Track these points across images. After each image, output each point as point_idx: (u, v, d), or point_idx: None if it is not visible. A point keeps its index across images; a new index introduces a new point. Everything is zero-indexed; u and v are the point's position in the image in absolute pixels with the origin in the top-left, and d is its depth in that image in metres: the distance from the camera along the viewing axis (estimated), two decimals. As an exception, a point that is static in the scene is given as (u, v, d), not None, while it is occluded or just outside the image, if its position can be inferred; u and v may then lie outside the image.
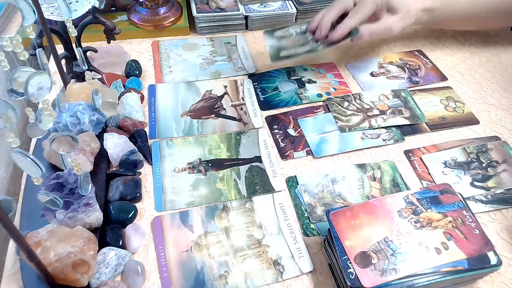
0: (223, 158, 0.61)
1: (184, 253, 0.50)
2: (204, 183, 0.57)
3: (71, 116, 0.55)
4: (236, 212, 0.54)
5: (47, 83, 0.37)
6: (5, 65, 0.36)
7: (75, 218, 0.46)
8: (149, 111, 0.67)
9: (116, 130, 0.60)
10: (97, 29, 0.66)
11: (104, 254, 0.46)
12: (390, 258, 0.42)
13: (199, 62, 0.78)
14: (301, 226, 0.53)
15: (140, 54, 0.79)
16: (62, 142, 0.43)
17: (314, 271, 0.49)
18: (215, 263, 0.49)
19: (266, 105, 0.70)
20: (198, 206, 0.55)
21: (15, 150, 0.35)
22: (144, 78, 0.73)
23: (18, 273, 0.46)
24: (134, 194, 0.54)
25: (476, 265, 0.43)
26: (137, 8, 0.82)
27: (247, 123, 0.67)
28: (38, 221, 0.46)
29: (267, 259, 0.50)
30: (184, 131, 0.64)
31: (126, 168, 0.57)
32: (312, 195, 0.57)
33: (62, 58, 0.62)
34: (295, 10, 0.86)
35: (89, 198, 0.47)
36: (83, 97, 0.58)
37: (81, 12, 0.56)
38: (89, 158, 0.53)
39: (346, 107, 0.70)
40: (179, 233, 0.52)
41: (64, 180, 0.47)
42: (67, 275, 0.41)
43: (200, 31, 0.84)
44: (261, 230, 0.53)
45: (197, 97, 0.70)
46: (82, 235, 0.44)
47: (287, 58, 0.69)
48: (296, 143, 0.64)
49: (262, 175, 0.59)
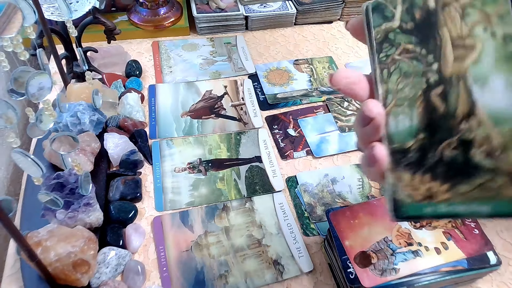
0: (223, 158, 0.61)
1: (184, 253, 0.50)
2: (204, 183, 0.58)
3: (71, 116, 0.55)
4: (236, 212, 0.54)
5: (48, 83, 0.37)
6: (6, 65, 0.36)
7: (75, 218, 0.46)
8: (149, 111, 0.67)
9: (116, 130, 0.60)
10: (98, 29, 0.67)
11: (104, 254, 0.46)
12: (390, 258, 0.42)
13: (199, 62, 0.78)
14: (301, 226, 0.53)
15: (141, 54, 0.79)
16: (62, 142, 0.43)
17: (314, 271, 0.49)
18: (215, 263, 0.49)
19: (266, 105, 0.70)
20: (198, 206, 0.55)
21: (16, 150, 0.35)
22: (144, 78, 0.73)
23: (19, 273, 0.46)
24: (134, 194, 0.54)
25: (475, 265, 0.43)
26: (137, 9, 0.82)
27: (247, 123, 0.67)
28: (38, 221, 0.46)
29: (267, 259, 0.50)
30: (184, 131, 0.65)
31: (127, 168, 0.57)
32: (312, 195, 0.57)
33: (62, 58, 0.62)
34: (295, 10, 0.86)
35: (90, 198, 0.47)
36: (84, 97, 0.58)
37: (82, 13, 0.56)
38: (89, 158, 0.53)
39: (346, 107, 0.70)
40: (179, 233, 0.52)
41: (64, 180, 0.47)
42: (67, 275, 0.41)
43: (200, 31, 0.84)
44: (261, 230, 0.53)
45: (197, 97, 0.70)
46: (83, 235, 0.44)
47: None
48: (296, 143, 0.64)
49: (262, 175, 0.59)
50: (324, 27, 0.89)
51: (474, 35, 0.25)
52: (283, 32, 0.87)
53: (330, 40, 0.85)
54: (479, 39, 0.25)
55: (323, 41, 0.85)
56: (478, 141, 0.25)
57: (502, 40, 0.25)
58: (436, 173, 0.27)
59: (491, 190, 0.26)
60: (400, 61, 0.27)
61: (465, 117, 0.26)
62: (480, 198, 0.26)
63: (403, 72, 0.27)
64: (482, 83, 0.25)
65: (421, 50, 0.27)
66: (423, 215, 0.27)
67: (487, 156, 0.25)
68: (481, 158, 0.25)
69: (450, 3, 0.26)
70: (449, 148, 0.26)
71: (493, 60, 0.25)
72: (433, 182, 0.27)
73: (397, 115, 0.27)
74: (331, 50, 0.83)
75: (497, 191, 0.25)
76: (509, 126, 0.25)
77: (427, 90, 0.27)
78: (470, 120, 0.25)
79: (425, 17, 0.27)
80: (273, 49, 0.82)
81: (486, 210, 0.26)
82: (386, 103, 0.28)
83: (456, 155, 0.26)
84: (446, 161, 0.26)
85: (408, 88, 0.27)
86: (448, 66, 0.26)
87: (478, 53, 0.25)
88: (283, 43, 0.84)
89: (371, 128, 0.27)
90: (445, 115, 0.26)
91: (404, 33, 0.27)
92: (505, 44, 0.25)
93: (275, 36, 0.86)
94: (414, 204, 0.27)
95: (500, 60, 0.25)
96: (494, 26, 0.25)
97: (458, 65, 0.26)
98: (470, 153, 0.26)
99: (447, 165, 0.26)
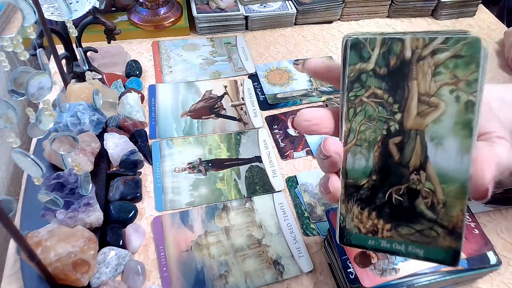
0: (223, 158, 0.61)
1: (184, 253, 0.50)
2: (204, 183, 0.58)
3: (71, 116, 0.55)
4: (236, 212, 0.54)
5: (48, 83, 0.37)
6: (6, 65, 0.36)
7: (75, 218, 0.46)
8: (149, 111, 0.67)
9: (116, 130, 0.60)
10: (98, 29, 0.67)
11: (104, 254, 0.46)
12: (390, 258, 0.42)
13: (199, 62, 0.78)
14: (301, 226, 0.53)
15: (141, 54, 0.79)
16: (62, 142, 0.43)
17: (314, 271, 0.49)
18: (215, 263, 0.49)
19: (266, 105, 0.70)
20: (198, 206, 0.55)
21: (16, 150, 0.35)
22: (144, 78, 0.73)
23: (19, 273, 0.46)
24: (134, 194, 0.54)
25: (475, 265, 0.43)
26: (137, 9, 0.82)
27: (247, 123, 0.67)
28: (38, 221, 0.46)
29: (267, 259, 0.50)
30: (184, 131, 0.65)
31: (126, 168, 0.57)
32: (312, 195, 0.57)
33: (62, 58, 0.62)
34: (295, 10, 0.86)
35: (90, 198, 0.47)
36: (84, 97, 0.58)
37: (82, 12, 0.56)
38: (89, 158, 0.53)
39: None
40: (179, 233, 0.52)
41: (64, 180, 0.47)
42: (67, 275, 0.41)
43: (200, 31, 0.84)
44: (261, 230, 0.53)
45: (197, 97, 0.70)
46: (83, 235, 0.44)
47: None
48: (296, 143, 0.64)
49: (262, 175, 0.59)
50: (324, 27, 0.89)
51: (440, 95, 0.26)
52: (283, 32, 0.87)
53: (330, 40, 0.85)
54: (444, 100, 0.26)
55: (323, 41, 0.85)
56: (423, 193, 0.28)
57: (464, 106, 0.26)
58: (382, 213, 0.29)
59: (428, 237, 0.28)
60: (367, 104, 0.28)
61: (416, 169, 0.28)
62: (418, 242, 0.28)
63: (367, 115, 0.29)
64: (437, 142, 0.27)
65: (388, 98, 0.28)
66: (366, 246, 0.30)
67: (429, 207, 0.28)
68: (423, 208, 0.28)
69: (425, 57, 0.26)
70: (397, 193, 0.29)
71: (452, 123, 0.26)
72: (378, 220, 0.29)
73: (355, 154, 0.29)
74: (331, 50, 0.83)
75: (433, 239, 0.28)
76: (453, 186, 0.27)
77: (387, 137, 0.28)
78: (420, 172, 0.28)
79: (399, 66, 0.27)
80: (273, 49, 0.82)
81: (421, 253, 0.29)
82: (347, 140, 0.29)
83: (402, 200, 0.28)
84: (392, 204, 0.29)
85: (370, 131, 0.29)
86: (409, 119, 0.27)
87: (440, 113, 0.26)
88: (283, 43, 0.84)
89: (328, 162, 0.29)
90: (399, 163, 0.28)
91: (376, 77, 0.28)
92: (466, 110, 0.26)
93: (275, 36, 0.86)
94: (359, 235, 0.30)
95: (458, 125, 0.26)
96: (460, 91, 0.26)
97: (419, 121, 0.27)
98: (415, 202, 0.28)
99: (393, 208, 0.29)
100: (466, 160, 0.26)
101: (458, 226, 0.27)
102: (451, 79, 0.26)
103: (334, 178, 0.30)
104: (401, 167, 0.28)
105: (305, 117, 0.30)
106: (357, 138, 0.29)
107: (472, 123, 0.26)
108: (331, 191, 0.29)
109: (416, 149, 0.27)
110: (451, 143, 0.26)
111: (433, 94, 0.26)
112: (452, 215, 0.27)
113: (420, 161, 0.27)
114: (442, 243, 0.28)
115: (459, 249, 0.27)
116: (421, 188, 0.28)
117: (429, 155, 0.27)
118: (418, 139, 0.27)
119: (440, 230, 0.27)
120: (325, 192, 0.30)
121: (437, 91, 0.26)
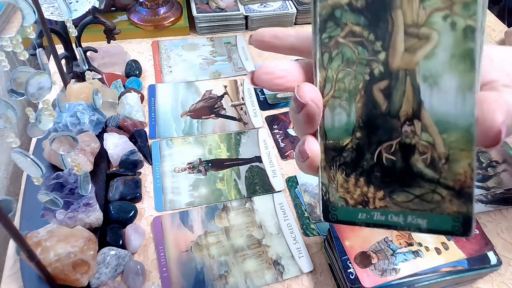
0: (223, 158, 0.61)
1: (184, 253, 0.50)
2: (204, 183, 0.58)
3: (71, 116, 0.55)
4: (236, 212, 0.54)
5: (47, 83, 0.37)
6: (5, 65, 0.36)
7: (75, 218, 0.46)
8: (149, 111, 0.67)
9: (116, 130, 0.60)
10: (97, 29, 0.67)
11: (104, 254, 0.46)
12: (390, 258, 0.42)
13: (199, 62, 0.78)
14: (301, 226, 0.53)
15: (140, 54, 0.79)
16: (62, 142, 0.43)
17: (314, 271, 0.49)
18: (215, 263, 0.49)
19: (266, 105, 0.70)
20: (198, 206, 0.55)
21: (15, 150, 0.35)
22: (144, 78, 0.73)
23: (18, 273, 0.46)
24: (134, 194, 0.54)
25: (476, 265, 0.43)
26: (137, 8, 0.82)
27: (247, 123, 0.67)
28: (38, 221, 0.46)
29: (267, 259, 0.50)
30: (184, 131, 0.64)
31: (126, 168, 0.57)
32: (312, 195, 0.57)
33: (62, 58, 0.62)
34: (295, 10, 0.86)
35: (89, 198, 0.47)
36: (83, 97, 0.58)
37: (81, 12, 0.56)
38: (89, 158, 0.53)
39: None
40: (179, 233, 0.52)
41: (64, 180, 0.47)
42: (67, 275, 0.41)
43: (200, 31, 0.84)
44: (261, 230, 0.53)
45: (197, 97, 0.70)
46: (82, 235, 0.44)
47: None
48: (296, 143, 0.64)
49: (262, 175, 0.59)
50: (324, 27, 0.89)
51: (432, 24, 0.21)
52: (283, 32, 0.87)
53: (330, 40, 0.85)
54: (436, 29, 0.21)
55: (323, 41, 0.85)
56: (420, 148, 0.22)
57: (462, 34, 0.21)
58: (372, 178, 0.24)
59: (430, 203, 0.23)
60: (344, 45, 0.23)
61: (408, 118, 0.23)
62: (418, 210, 0.23)
63: (345, 59, 0.23)
64: (432, 82, 0.22)
65: (368, 35, 0.23)
66: (356, 221, 0.25)
67: (429, 165, 0.22)
68: (422, 167, 0.23)
69: None
70: (388, 152, 0.23)
71: (448, 56, 0.21)
72: (368, 187, 0.24)
73: (334, 108, 0.24)
74: (331, 50, 0.83)
75: (437, 204, 0.23)
76: (456, 135, 0.21)
77: (370, 83, 0.23)
78: (414, 122, 0.22)
79: None
80: (273, 49, 0.82)
81: (424, 224, 0.23)
82: (324, 92, 0.24)
83: (395, 160, 0.23)
84: (383, 165, 0.23)
85: (349, 79, 0.23)
86: (396, 58, 0.22)
87: (432, 46, 0.21)
88: (283, 43, 0.84)
89: (304, 116, 0.24)
90: (387, 114, 0.23)
91: (353, 11, 0.23)
92: (465, 38, 0.21)
93: (275, 36, 0.86)
94: (346, 208, 0.25)
95: (456, 57, 0.21)
96: (456, 16, 0.21)
97: (408, 58, 0.22)
98: (410, 160, 0.23)
99: (385, 170, 0.24)
100: (469, 100, 0.21)
101: (467, 184, 0.21)
102: (443, 3, 0.21)
103: (311, 139, 0.24)
104: (390, 118, 0.23)
105: (266, 69, 0.25)
106: (335, 88, 0.24)
107: (474, 53, 0.20)
108: (308, 155, 0.24)
109: (407, 94, 0.22)
110: (449, 81, 0.21)
111: (422, 23, 0.21)
112: (458, 172, 0.22)
113: (413, 108, 0.22)
114: (449, 208, 0.22)
115: (471, 214, 0.22)
116: (417, 141, 0.22)
117: (423, 99, 0.22)
118: (408, 81, 0.22)
119: (444, 192, 0.22)
120: (302, 158, 0.25)
121: (428, 19, 0.21)
